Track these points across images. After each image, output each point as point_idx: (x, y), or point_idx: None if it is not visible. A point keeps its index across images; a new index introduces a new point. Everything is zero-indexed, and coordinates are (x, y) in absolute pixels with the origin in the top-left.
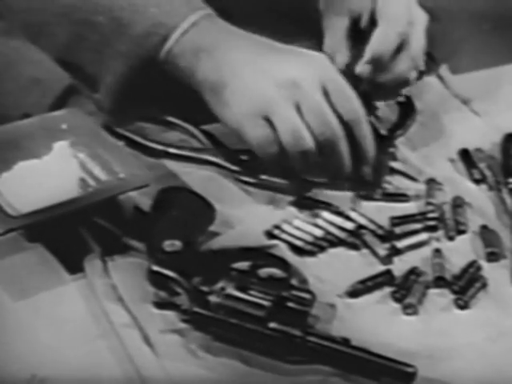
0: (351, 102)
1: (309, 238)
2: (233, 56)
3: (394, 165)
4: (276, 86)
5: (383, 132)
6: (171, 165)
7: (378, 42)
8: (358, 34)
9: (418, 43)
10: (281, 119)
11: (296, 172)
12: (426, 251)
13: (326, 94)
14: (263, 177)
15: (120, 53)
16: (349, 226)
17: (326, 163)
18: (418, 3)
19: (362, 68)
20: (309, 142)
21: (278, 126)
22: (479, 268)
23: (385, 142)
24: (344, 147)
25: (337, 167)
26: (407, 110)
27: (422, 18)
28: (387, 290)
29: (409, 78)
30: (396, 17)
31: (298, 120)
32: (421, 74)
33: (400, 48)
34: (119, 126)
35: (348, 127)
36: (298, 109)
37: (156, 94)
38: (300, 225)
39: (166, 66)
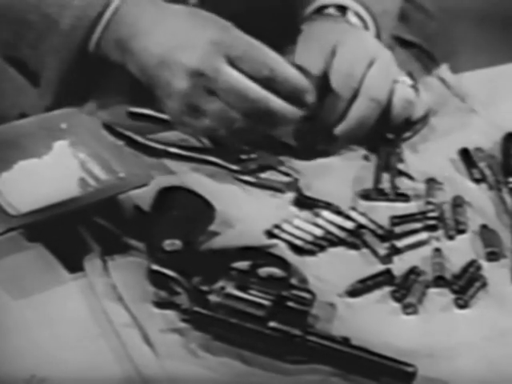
0: (258, 59)
1: (309, 238)
2: (148, 50)
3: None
4: (188, 79)
5: (389, 136)
6: (171, 164)
7: (328, 114)
8: None
9: (378, 83)
10: (205, 111)
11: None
12: (426, 251)
13: (233, 65)
14: (263, 176)
15: (53, 48)
16: (349, 225)
17: (269, 123)
18: (418, 3)
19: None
20: (239, 121)
21: (207, 116)
22: (479, 267)
23: (391, 143)
24: (275, 102)
25: (280, 121)
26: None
27: (385, 55)
28: (387, 289)
29: (370, 121)
30: (349, 73)
31: (220, 106)
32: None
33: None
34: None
35: (270, 80)
36: (216, 94)
37: (97, 84)
38: (300, 224)
39: (98, 57)
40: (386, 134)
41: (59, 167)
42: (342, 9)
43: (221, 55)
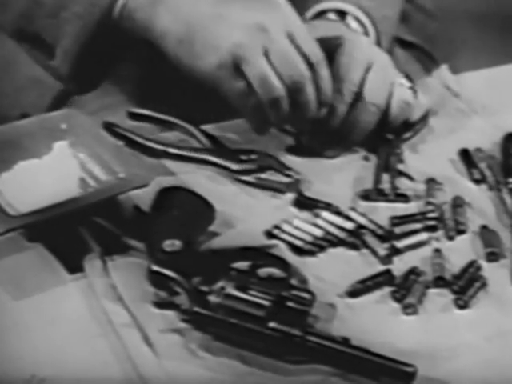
0: (314, 45)
1: (309, 238)
2: (194, 6)
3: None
4: (244, 33)
5: (389, 136)
6: (171, 165)
7: (330, 118)
8: None
9: (376, 87)
10: (251, 67)
11: (271, 124)
12: (426, 251)
13: (291, 38)
14: (263, 176)
15: (76, 14)
16: (349, 225)
17: (295, 107)
18: (419, 4)
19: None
20: (279, 89)
21: (250, 75)
22: (479, 268)
23: (391, 144)
24: (311, 89)
25: (304, 110)
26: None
27: (382, 59)
28: (387, 289)
29: (370, 125)
30: (347, 79)
31: (267, 67)
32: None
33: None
34: (79, 93)
35: (312, 69)
36: (267, 54)
37: (115, 61)
38: (300, 225)
39: (122, 24)
40: (386, 135)
41: (59, 167)
42: (342, 14)
43: (283, 26)
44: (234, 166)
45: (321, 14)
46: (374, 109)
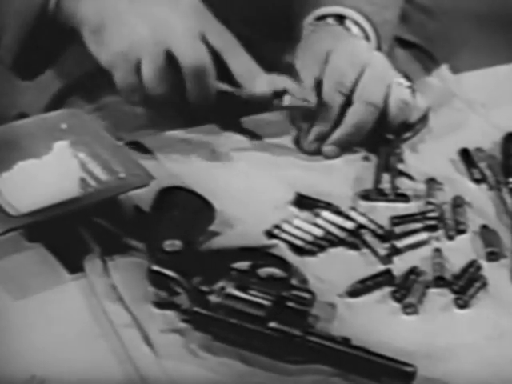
0: (226, 38)
1: (309, 238)
2: None
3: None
4: (149, 28)
5: (389, 136)
6: (171, 164)
7: (323, 119)
8: None
9: (372, 87)
10: (148, 60)
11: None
12: (426, 251)
13: (202, 35)
14: None
15: (15, 10)
16: (349, 225)
17: (193, 94)
18: (419, 4)
19: (307, 146)
20: (169, 86)
21: (145, 69)
22: (479, 267)
23: (391, 143)
24: (212, 77)
25: (203, 97)
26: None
27: (377, 59)
28: (387, 289)
29: (368, 125)
30: (340, 81)
31: (162, 63)
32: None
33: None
34: (23, 79)
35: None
36: (168, 50)
37: (56, 50)
38: (300, 224)
39: (57, 14)
40: (386, 135)
41: (59, 167)
42: (342, 18)
43: (193, 25)
44: None
45: (320, 19)
46: (371, 108)
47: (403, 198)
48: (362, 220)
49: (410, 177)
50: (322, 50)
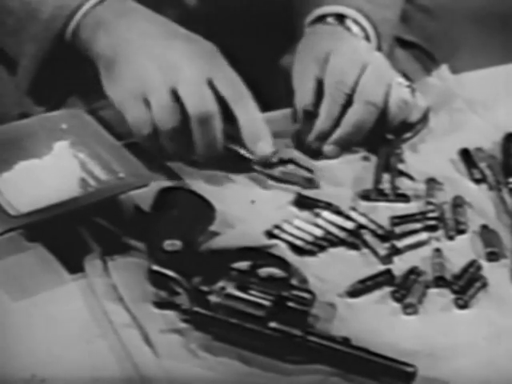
0: (235, 86)
1: (309, 238)
2: (129, 35)
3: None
4: (158, 69)
5: (389, 136)
6: (171, 164)
7: (324, 117)
8: None
9: (372, 86)
10: (155, 98)
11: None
12: (426, 251)
13: (210, 81)
14: (286, 171)
15: (32, 36)
16: (349, 225)
17: (199, 141)
18: (419, 4)
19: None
20: (177, 121)
21: (153, 106)
22: (479, 268)
23: (391, 144)
24: (218, 125)
25: (209, 145)
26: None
27: (377, 59)
28: (387, 289)
29: (368, 125)
30: (340, 81)
31: (169, 100)
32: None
33: (351, 98)
34: (38, 105)
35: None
36: (175, 90)
37: (70, 77)
38: (300, 224)
39: (74, 44)
40: (386, 134)
41: (59, 167)
42: (342, 18)
43: (201, 67)
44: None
45: (321, 19)
46: (371, 108)
47: (403, 198)
48: (362, 220)
49: (410, 177)
50: (323, 50)
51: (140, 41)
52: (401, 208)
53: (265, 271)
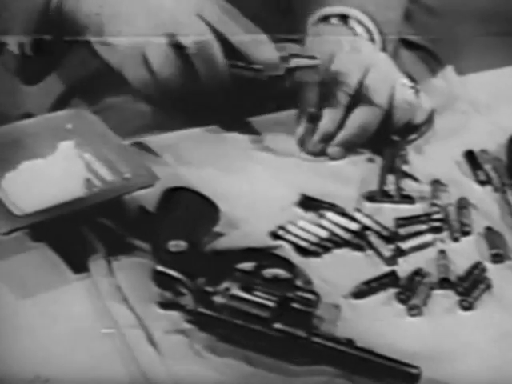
0: (224, 10)
1: (313, 239)
2: None
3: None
4: (147, 18)
5: (395, 138)
6: (176, 165)
7: (328, 119)
8: None
9: (377, 87)
10: (152, 52)
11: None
12: (431, 252)
13: (200, 14)
14: None
15: (16, 15)
16: (354, 226)
17: (202, 70)
18: (424, 5)
19: (312, 147)
20: (173, 72)
21: (151, 61)
22: (484, 269)
23: (396, 145)
24: (216, 48)
25: (213, 68)
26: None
27: (382, 61)
28: (392, 291)
29: (373, 126)
30: (344, 87)
31: (166, 48)
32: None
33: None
34: (26, 84)
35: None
36: (175, 43)
37: (58, 55)
38: (305, 226)
39: (58, 19)
40: (391, 136)
41: (64, 168)
42: (346, 18)
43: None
44: None
45: (324, 19)
46: (376, 109)
47: (408, 199)
48: (366, 221)
49: (414, 178)
50: (326, 51)
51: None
52: (406, 209)
53: (269, 272)
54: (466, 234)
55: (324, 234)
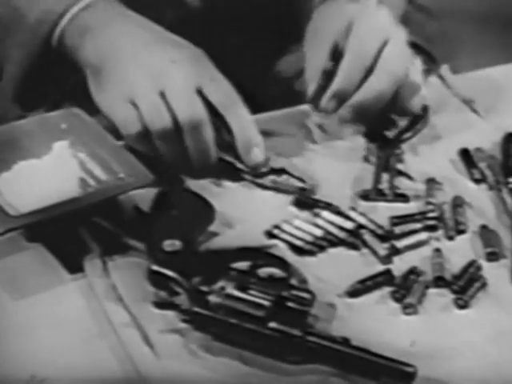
0: (225, 93)
1: (309, 238)
2: (116, 41)
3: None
4: (146, 75)
5: (389, 135)
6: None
7: (342, 77)
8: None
9: (395, 58)
10: (143, 101)
11: (160, 156)
12: (426, 251)
13: (199, 88)
14: (278, 180)
15: (18, 41)
16: (349, 225)
17: (191, 148)
18: (419, 4)
19: (325, 103)
20: (167, 121)
21: (141, 107)
22: (479, 268)
23: (391, 144)
24: (208, 132)
25: (201, 152)
26: (419, 115)
27: (400, 34)
28: (387, 289)
29: (387, 95)
30: (363, 48)
31: (158, 101)
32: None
33: (372, 68)
34: (23, 111)
35: (220, 117)
36: (163, 95)
37: (57, 82)
38: (300, 224)
39: (60, 50)
40: (388, 125)
41: (59, 167)
42: None
43: (190, 72)
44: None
45: None
46: (393, 78)
47: (403, 198)
48: (361, 220)
49: (409, 177)
50: (345, 16)
51: (127, 47)
52: (400, 208)
53: (264, 271)
54: (461, 232)
55: (319, 232)
